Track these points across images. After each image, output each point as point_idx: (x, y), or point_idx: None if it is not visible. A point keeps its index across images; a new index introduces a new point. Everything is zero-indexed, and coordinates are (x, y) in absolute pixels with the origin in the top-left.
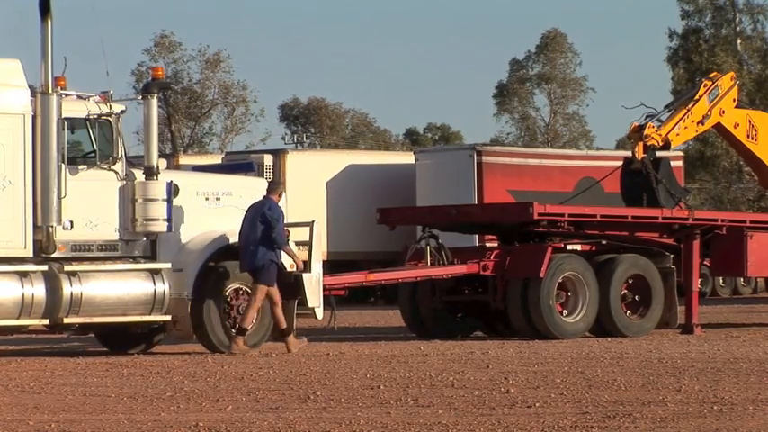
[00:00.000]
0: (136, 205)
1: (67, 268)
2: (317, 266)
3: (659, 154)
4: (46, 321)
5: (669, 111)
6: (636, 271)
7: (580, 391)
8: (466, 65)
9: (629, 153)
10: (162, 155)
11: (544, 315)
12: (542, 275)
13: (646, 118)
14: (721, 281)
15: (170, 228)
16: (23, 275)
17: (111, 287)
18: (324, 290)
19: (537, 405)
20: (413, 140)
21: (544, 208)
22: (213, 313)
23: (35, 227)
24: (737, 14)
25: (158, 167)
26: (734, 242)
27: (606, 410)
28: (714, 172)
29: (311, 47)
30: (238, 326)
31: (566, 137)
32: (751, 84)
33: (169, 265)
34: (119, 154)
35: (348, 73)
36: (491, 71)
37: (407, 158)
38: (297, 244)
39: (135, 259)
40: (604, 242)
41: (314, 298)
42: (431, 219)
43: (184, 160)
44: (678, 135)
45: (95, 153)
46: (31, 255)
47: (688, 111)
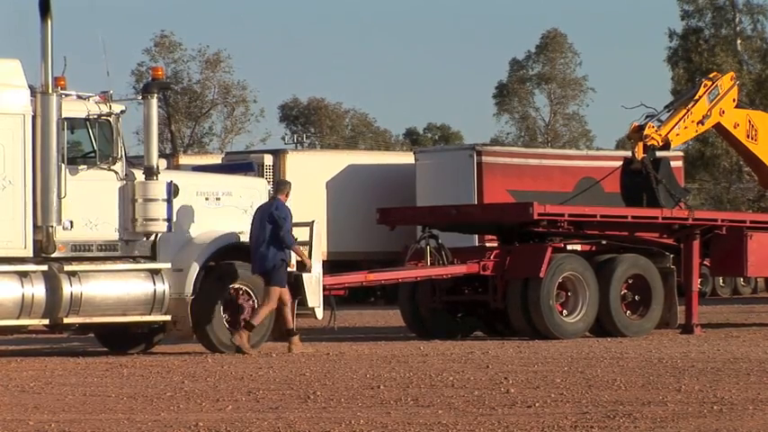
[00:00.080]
0: (136, 205)
1: (67, 268)
2: (317, 266)
3: (659, 154)
4: (46, 321)
5: (669, 111)
6: (636, 271)
7: (580, 391)
8: (466, 65)
9: (629, 153)
10: (162, 155)
11: (544, 315)
12: (542, 275)
13: (646, 118)
14: (721, 281)
15: (170, 228)
16: (23, 275)
17: (111, 287)
18: (324, 290)
19: (537, 405)
20: (413, 140)
21: (544, 208)
22: (213, 313)
23: (35, 227)
24: (737, 14)
25: (158, 167)
26: (734, 242)
27: (606, 410)
28: (714, 172)
29: (311, 47)
30: (247, 321)
31: (566, 137)
32: (751, 84)
33: (169, 265)
34: (119, 154)
35: (348, 73)
36: (491, 71)
37: (407, 158)
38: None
39: (135, 259)
40: (604, 242)
41: (314, 298)
42: (431, 219)
43: (184, 160)
44: (678, 135)
45: (95, 153)
46: (31, 255)
47: (688, 111)
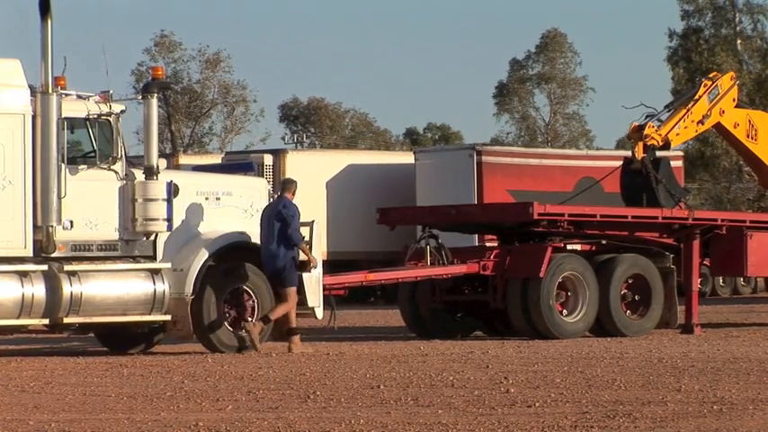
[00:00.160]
0: (136, 205)
1: (67, 268)
2: (317, 266)
3: (659, 154)
4: (46, 321)
5: (669, 111)
6: (636, 271)
7: (580, 391)
8: (466, 65)
9: (629, 153)
10: (162, 155)
11: (544, 315)
12: (542, 275)
13: (646, 118)
14: (721, 281)
15: (170, 228)
16: (23, 275)
17: (111, 287)
18: (324, 290)
19: (537, 405)
20: (413, 140)
21: (544, 208)
22: (213, 313)
23: (35, 227)
24: (737, 14)
25: (158, 167)
26: (734, 242)
27: (606, 410)
28: (714, 172)
29: (311, 47)
30: (265, 315)
31: (566, 137)
32: (751, 84)
33: (169, 265)
34: (119, 154)
35: (348, 73)
36: (491, 71)
37: (407, 158)
38: None
39: (135, 259)
40: (604, 242)
41: (314, 298)
42: (431, 219)
43: (184, 160)
44: (678, 135)
45: (95, 153)
46: (31, 255)
47: (688, 110)
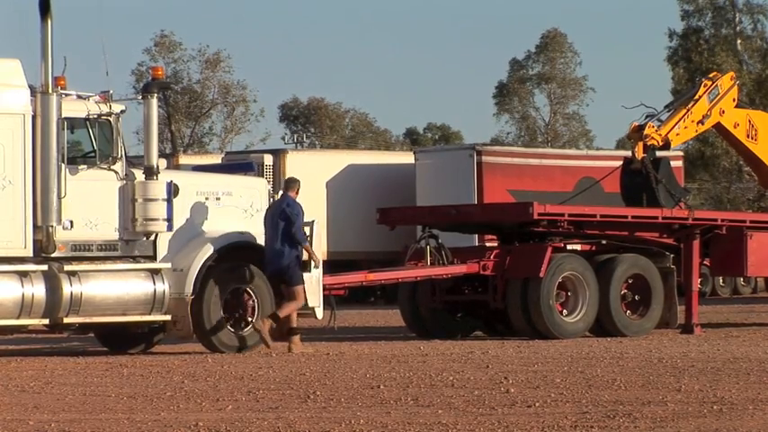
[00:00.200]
0: (136, 205)
1: (67, 268)
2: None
3: (659, 154)
4: (46, 321)
5: (669, 110)
6: (636, 271)
7: (580, 391)
8: (466, 65)
9: (629, 153)
10: (162, 155)
11: (544, 315)
12: (542, 275)
13: (646, 118)
14: (721, 281)
15: (170, 227)
16: (23, 275)
17: (111, 287)
18: (324, 290)
19: (537, 405)
20: (413, 140)
21: (544, 208)
22: (213, 313)
23: (35, 227)
24: (737, 14)
25: (158, 167)
26: (734, 242)
27: (606, 410)
28: (714, 172)
29: (311, 47)
30: (273, 312)
31: (566, 137)
32: (751, 84)
33: (169, 265)
34: (119, 154)
35: (348, 73)
36: (491, 71)
37: (407, 158)
38: None
39: (135, 259)
40: (604, 242)
41: (314, 298)
42: (431, 219)
43: (184, 160)
44: (678, 135)
45: (95, 153)
46: (31, 255)
47: (688, 110)
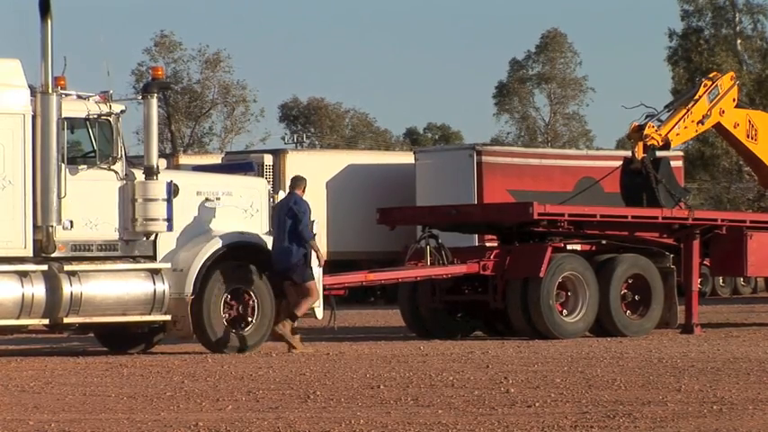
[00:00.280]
0: (136, 205)
1: (67, 268)
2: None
3: (659, 154)
4: (46, 321)
5: (669, 110)
6: (636, 271)
7: (580, 391)
8: (466, 65)
9: (629, 153)
10: (162, 155)
11: (544, 315)
12: (542, 275)
13: (646, 118)
14: (721, 281)
15: (170, 227)
16: (23, 275)
17: (111, 287)
18: (324, 290)
19: (537, 405)
20: (413, 140)
21: (544, 208)
22: (213, 313)
23: (35, 227)
24: (737, 14)
25: (158, 167)
26: (734, 242)
27: (606, 410)
28: (714, 172)
29: (311, 47)
30: (290, 312)
31: (566, 137)
32: (751, 84)
33: (169, 265)
34: (119, 154)
35: (348, 73)
36: (491, 71)
37: (407, 158)
38: None
39: (135, 259)
40: (604, 242)
41: None
42: (431, 219)
43: (184, 160)
44: (678, 135)
45: (95, 153)
46: (31, 255)
47: (688, 110)
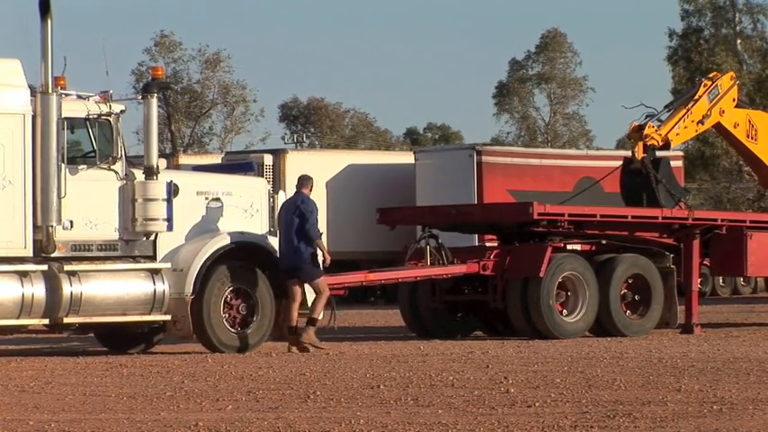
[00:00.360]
0: (136, 205)
1: (67, 268)
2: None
3: (659, 154)
4: (46, 321)
5: (669, 110)
6: (636, 271)
7: (580, 391)
8: (466, 65)
9: (629, 153)
10: (162, 155)
11: (544, 315)
12: (542, 275)
13: (646, 118)
14: (721, 281)
15: (170, 227)
16: (23, 275)
17: (110, 287)
18: None
19: (537, 405)
20: (413, 140)
21: (544, 208)
22: (213, 313)
23: (35, 227)
24: (737, 14)
25: (158, 167)
26: (734, 242)
27: (606, 410)
28: (714, 172)
29: (311, 47)
30: (309, 317)
31: (566, 137)
32: (751, 84)
33: (169, 265)
34: (119, 154)
35: (348, 73)
36: (491, 71)
37: (407, 158)
38: None
39: (135, 259)
40: (604, 242)
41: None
42: (431, 219)
43: (184, 160)
44: (678, 135)
45: (95, 153)
46: (31, 255)
47: (688, 110)
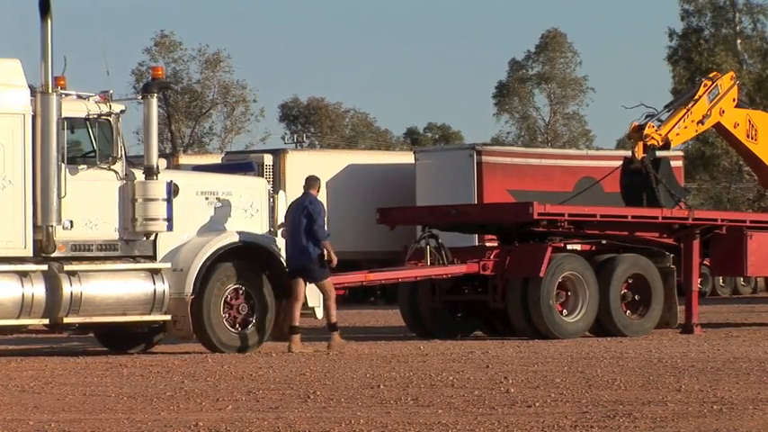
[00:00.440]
0: (136, 205)
1: (67, 268)
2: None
3: (659, 154)
4: (46, 321)
5: (669, 110)
6: (636, 271)
7: (580, 391)
8: (466, 65)
9: (629, 153)
10: (162, 155)
11: (544, 315)
12: (542, 275)
13: (646, 118)
14: (721, 281)
15: (170, 227)
16: (23, 275)
17: (110, 287)
18: None
19: (537, 405)
20: (413, 140)
21: (544, 208)
22: (213, 313)
23: (35, 227)
24: (737, 14)
25: (158, 167)
26: (734, 242)
27: (606, 410)
28: (714, 172)
29: (311, 47)
30: (328, 323)
31: (566, 137)
32: (751, 83)
33: (169, 265)
34: (119, 154)
35: (348, 73)
36: (491, 71)
37: (407, 158)
38: None
39: (135, 259)
40: (604, 242)
41: (313, 297)
42: (431, 219)
43: (184, 160)
44: (678, 135)
45: (95, 153)
46: (31, 255)
47: (688, 110)
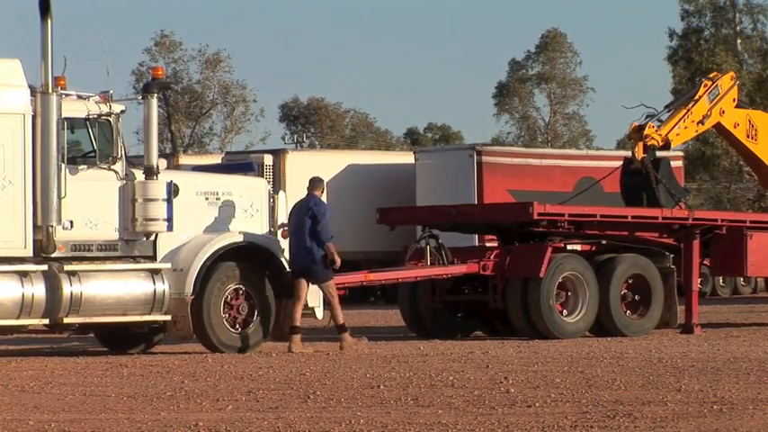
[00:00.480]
0: (136, 205)
1: (67, 268)
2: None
3: (659, 154)
4: (46, 321)
5: (669, 110)
6: (636, 271)
7: (580, 391)
8: (466, 65)
9: (629, 153)
10: (162, 155)
11: (544, 315)
12: (542, 275)
13: (646, 118)
14: (721, 281)
15: (170, 227)
16: (23, 275)
17: (111, 287)
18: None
19: (537, 405)
20: (413, 140)
21: (544, 208)
22: (213, 313)
23: (35, 227)
24: (737, 14)
25: (158, 167)
26: (734, 242)
27: (606, 410)
28: (714, 172)
29: (311, 47)
30: (336, 325)
31: (566, 137)
32: (751, 84)
33: (169, 265)
34: (119, 154)
35: (348, 73)
36: (491, 71)
37: (407, 158)
38: None
39: (135, 259)
40: (604, 242)
41: (313, 298)
42: (431, 219)
43: (184, 160)
44: (678, 135)
45: (95, 153)
46: (31, 255)
47: (688, 111)
